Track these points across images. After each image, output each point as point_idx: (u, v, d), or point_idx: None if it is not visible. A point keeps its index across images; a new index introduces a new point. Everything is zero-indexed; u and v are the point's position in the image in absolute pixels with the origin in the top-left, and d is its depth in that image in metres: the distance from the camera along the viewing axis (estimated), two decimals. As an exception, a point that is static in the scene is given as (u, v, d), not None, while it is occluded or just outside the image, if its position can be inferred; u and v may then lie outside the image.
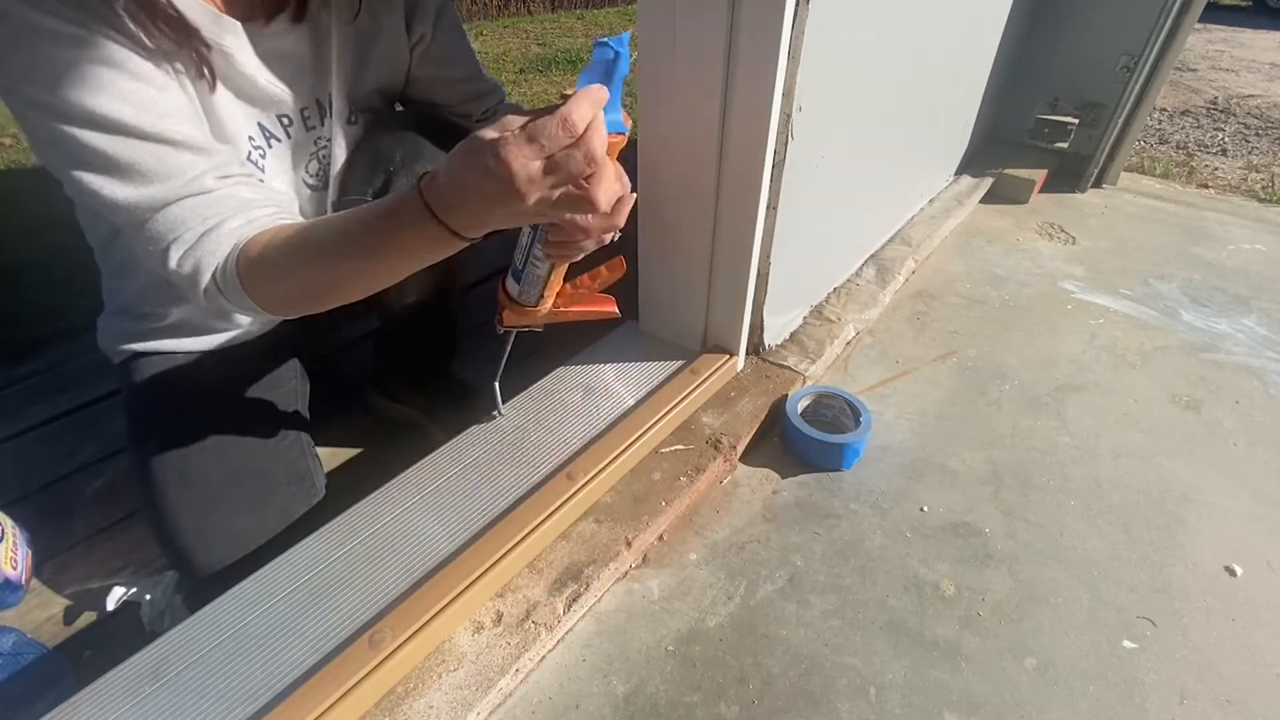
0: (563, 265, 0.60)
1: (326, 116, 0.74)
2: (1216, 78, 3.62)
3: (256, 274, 0.55)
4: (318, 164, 0.76)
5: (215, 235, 0.55)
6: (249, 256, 0.55)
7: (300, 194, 0.75)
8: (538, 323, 0.67)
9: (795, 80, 0.77)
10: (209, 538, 0.70)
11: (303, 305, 0.58)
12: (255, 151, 0.68)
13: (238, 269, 0.55)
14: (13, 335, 1.33)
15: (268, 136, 0.69)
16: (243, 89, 0.65)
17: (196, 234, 0.55)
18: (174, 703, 0.56)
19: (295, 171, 0.74)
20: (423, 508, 0.74)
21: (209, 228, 0.55)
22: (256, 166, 0.68)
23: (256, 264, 0.55)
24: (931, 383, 1.10)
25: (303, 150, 0.74)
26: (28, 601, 0.82)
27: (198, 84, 0.60)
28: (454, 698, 0.61)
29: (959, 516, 0.87)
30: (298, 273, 0.55)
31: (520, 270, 0.61)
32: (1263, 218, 1.70)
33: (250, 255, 0.55)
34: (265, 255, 0.55)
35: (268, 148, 0.70)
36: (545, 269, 0.60)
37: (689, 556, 0.81)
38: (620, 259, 0.68)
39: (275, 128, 0.70)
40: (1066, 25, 1.67)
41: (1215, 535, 0.84)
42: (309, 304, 0.58)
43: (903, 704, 0.66)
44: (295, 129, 0.72)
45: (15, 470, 1.00)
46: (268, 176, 0.70)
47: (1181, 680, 0.69)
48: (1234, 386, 1.10)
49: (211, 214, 0.56)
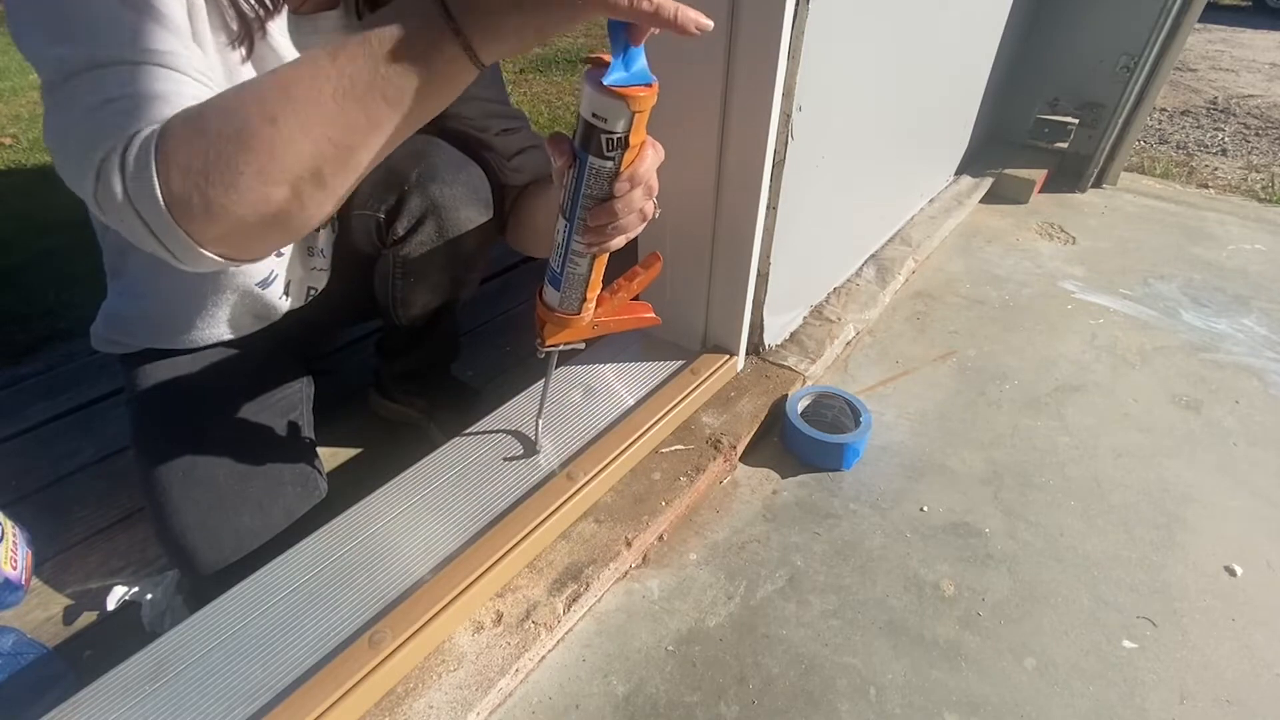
0: (602, 260, 0.57)
1: None
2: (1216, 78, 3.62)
3: (180, 138, 0.39)
4: None
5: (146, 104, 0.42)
6: (173, 124, 0.40)
7: None
8: (580, 336, 0.63)
9: (795, 80, 0.77)
10: (213, 536, 0.70)
11: (221, 173, 0.38)
12: None
13: (157, 143, 0.39)
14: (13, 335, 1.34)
15: None
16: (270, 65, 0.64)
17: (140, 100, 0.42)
18: (174, 703, 0.56)
19: None
20: (423, 508, 0.74)
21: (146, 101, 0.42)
22: None
23: (181, 125, 0.40)
24: (931, 383, 1.10)
25: None
26: (28, 601, 0.82)
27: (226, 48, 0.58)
28: (454, 698, 0.61)
29: (959, 516, 0.87)
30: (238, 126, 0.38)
31: (559, 274, 0.57)
32: (1263, 218, 1.70)
33: (175, 123, 0.40)
34: (198, 112, 0.40)
35: None
36: (586, 265, 0.56)
37: (689, 556, 0.81)
38: (655, 254, 0.64)
39: None
40: (1066, 25, 1.67)
41: (1215, 535, 0.84)
42: (231, 173, 0.39)
43: (903, 704, 0.66)
44: None
45: (15, 470, 1.00)
46: None
47: (1181, 680, 0.69)
48: (1234, 386, 1.10)
49: (158, 95, 0.43)
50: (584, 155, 0.48)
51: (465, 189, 0.77)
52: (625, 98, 0.43)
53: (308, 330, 0.88)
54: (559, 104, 3.05)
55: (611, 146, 0.46)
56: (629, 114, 0.44)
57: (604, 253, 0.57)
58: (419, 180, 0.74)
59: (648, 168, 0.49)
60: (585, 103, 0.45)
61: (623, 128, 0.45)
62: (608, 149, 0.47)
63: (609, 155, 0.47)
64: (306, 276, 0.81)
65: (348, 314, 1.01)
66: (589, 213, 0.51)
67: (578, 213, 0.52)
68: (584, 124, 0.46)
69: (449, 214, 0.76)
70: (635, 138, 0.47)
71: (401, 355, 1.01)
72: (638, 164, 0.49)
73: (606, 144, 0.46)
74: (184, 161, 0.39)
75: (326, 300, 0.85)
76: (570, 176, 0.50)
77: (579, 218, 0.52)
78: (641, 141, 0.48)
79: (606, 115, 0.44)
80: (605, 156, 0.47)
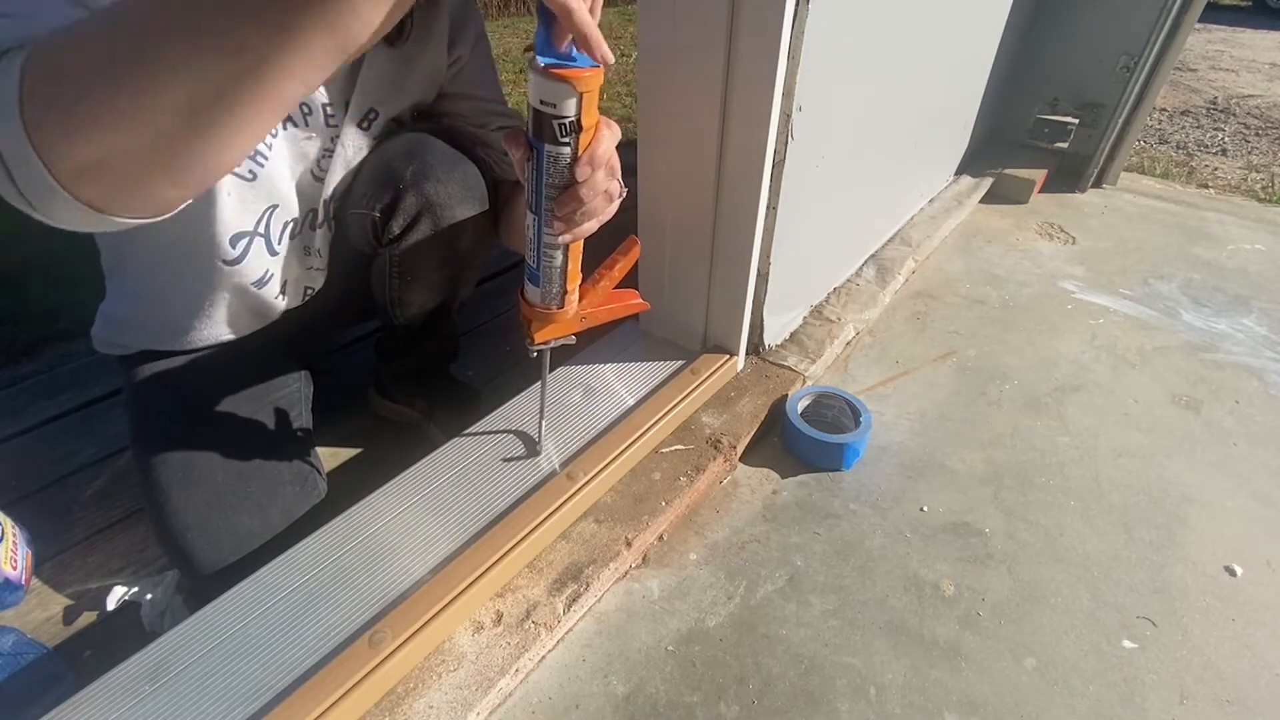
0: (577, 249, 0.57)
1: (345, 119, 0.73)
2: (1216, 78, 3.62)
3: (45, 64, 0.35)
4: (330, 160, 0.75)
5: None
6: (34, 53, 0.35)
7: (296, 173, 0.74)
8: (569, 331, 0.64)
9: (795, 80, 0.77)
10: (212, 536, 0.70)
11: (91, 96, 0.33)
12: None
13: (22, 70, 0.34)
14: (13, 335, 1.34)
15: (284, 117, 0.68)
16: None
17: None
18: (174, 703, 0.56)
19: (303, 161, 0.73)
20: (423, 508, 0.74)
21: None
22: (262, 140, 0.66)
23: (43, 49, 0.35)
24: (931, 383, 1.10)
25: (314, 144, 0.73)
26: (28, 601, 0.82)
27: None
28: (454, 698, 0.61)
29: (959, 516, 0.87)
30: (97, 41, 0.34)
31: (535, 269, 0.58)
32: (1263, 218, 1.70)
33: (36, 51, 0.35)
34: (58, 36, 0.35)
35: (281, 129, 0.69)
36: (561, 256, 0.57)
37: (689, 556, 0.81)
38: (632, 238, 0.64)
39: (295, 111, 0.69)
40: (1066, 25, 1.67)
41: (1215, 535, 0.84)
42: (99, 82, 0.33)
43: (903, 704, 0.66)
44: (314, 120, 0.71)
45: (15, 470, 1.00)
46: (272, 155, 0.69)
47: (1181, 680, 0.69)
48: (1234, 386, 1.10)
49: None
50: (539, 144, 0.48)
51: (460, 186, 0.77)
52: (570, 79, 0.43)
53: (306, 330, 0.88)
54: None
55: (565, 131, 0.46)
56: (577, 94, 0.44)
57: (576, 240, 0.56)
58: (413, 178, 0.74)
59: (606, 148, 0.49)
60: (532, 90, 0.45)
61: (573, 110, 0.45)
62: (561, 134, 0.47)
63: (564, 140, 0.47)
64: (303, 276, 0.81)
65: (346, 314, 1.01)
66: (554, 202, 0.51)
67: (543, 204, 0.52)
68: (534, 112, 0.46)
69: (444, 212, 0.76)
70: (588, 119, 0.47)
71: (401, 355, 1.01)
72: (595, 145, 0.49)
73: (559, 129, 0.46)
74: (51, 68, 0.34)
75: (325, 300, 0.85)
76: (530, 169, 0.50)
77: (545, 209, 0.52)
78: (595, 123, 0.48)
79: (555, 100, 0.45)
80: (560, 142, 0.47)
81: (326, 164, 0.75)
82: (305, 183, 0.75)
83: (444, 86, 0.83)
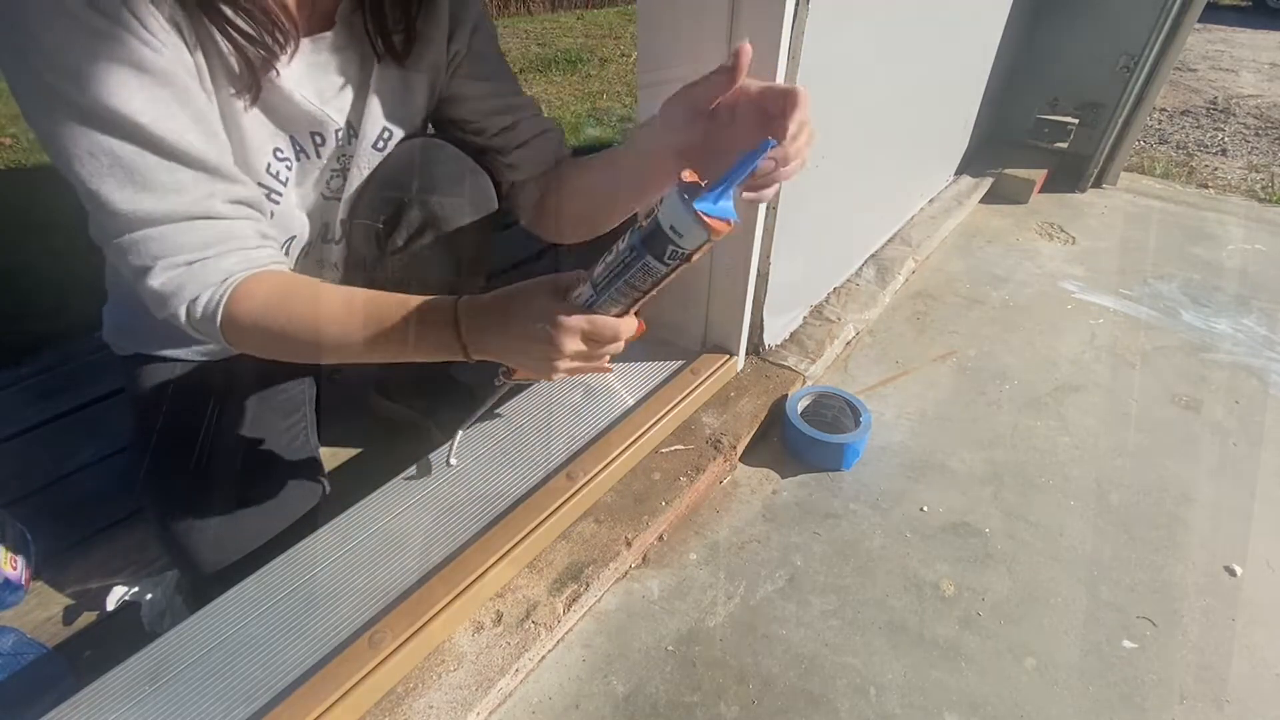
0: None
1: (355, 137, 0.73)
2: (1216, 78, 3.62)
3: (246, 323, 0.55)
4: (341, 180, 0.75)
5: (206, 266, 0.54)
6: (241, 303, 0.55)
7: (307, 201, 0.74)
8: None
9: (795, 80, 0.77)
10: (213, 536, 0.70)
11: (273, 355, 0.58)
12: (281, 164, 0.66)
13: (224, 309, 0.54)
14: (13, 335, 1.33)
15: (298, 151, 0.68)
16: (277, 106, 0.63)
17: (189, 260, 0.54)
18: (174, 703, 0.56)
19: (316, 187, 0.73)
20: (422, 508, 0.74)
21: (204, 258, 0.54)
22: (277, 180, 0.67)
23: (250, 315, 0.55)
24: (931, 383, 1.10)
25: (326, 168, 0.73)
26: (28, 601, 0.82)
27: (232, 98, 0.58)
28: (454, 698, 0.61)
29: (959, 516, 0.87)
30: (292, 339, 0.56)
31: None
32: (1263, 218, 1.70)
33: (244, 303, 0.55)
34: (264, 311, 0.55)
35: (295, 162, 0.68)
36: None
37: (689, 556, 0.81)
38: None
39: (307, 144, 0.69)
40: (1066, 25, 1.67)
41: (1215, 535, 0.84)
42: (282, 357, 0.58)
43: (902, 704, 0.66)
44: (326, 149, 0.71)
45: (15, 470, 1.00)
46: (287, 190, 0.69)
47: (1181, 680, 0.69)
48: (1234, 386, 1.10)
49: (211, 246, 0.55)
50: (642, 251, 0.49)
51: (463, 200, 0.77)
52: (711, 228, 0.46)
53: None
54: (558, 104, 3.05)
55: (674, 258, 0.49)
56: (707, 241, 0.47)
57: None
58: (418, 192, 0.74)
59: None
60: (668, 214, 0.47)
61: (692, 247, 0.47)
62: (669, 258, 0.49)
63: (668, 263, 0.49)
64: None
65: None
66: (621, 295, 0.53)
67: (610, 292, 0.53)
68: (657, 228, 0.48)
69: (447, 225, 0.76)
70: (696, 258, 0.49)
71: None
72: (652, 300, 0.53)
73: (671, 254, 0.49)
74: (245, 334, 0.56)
75: None
76: (619, 256, 0.51)
77: (610, 296, 0.53)
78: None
79: (684, 232, 0.47)
80: (665, 263, 0.49)
81: (337, 184, 0.74)
82: (317, 204, 0.75)
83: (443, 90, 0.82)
